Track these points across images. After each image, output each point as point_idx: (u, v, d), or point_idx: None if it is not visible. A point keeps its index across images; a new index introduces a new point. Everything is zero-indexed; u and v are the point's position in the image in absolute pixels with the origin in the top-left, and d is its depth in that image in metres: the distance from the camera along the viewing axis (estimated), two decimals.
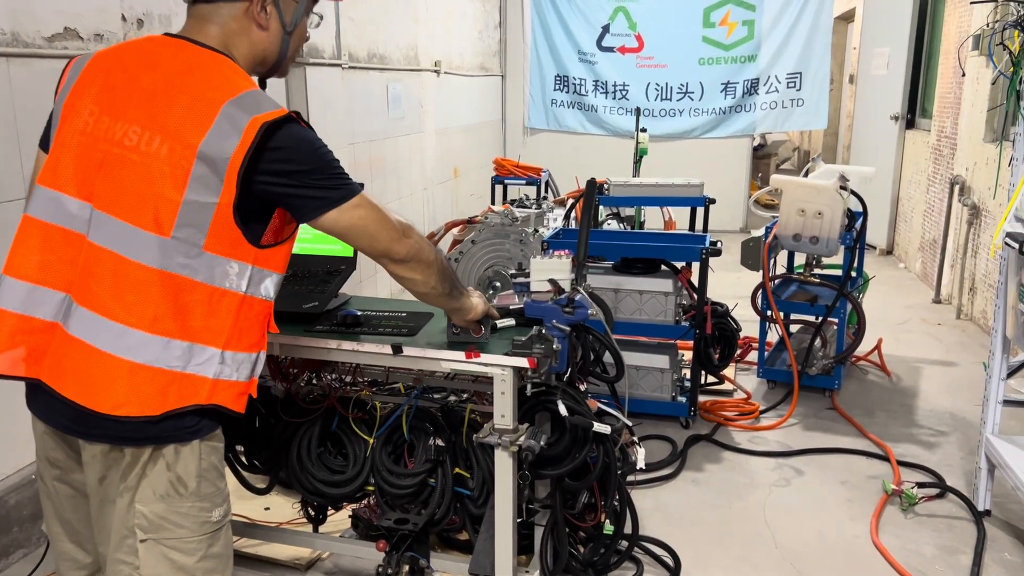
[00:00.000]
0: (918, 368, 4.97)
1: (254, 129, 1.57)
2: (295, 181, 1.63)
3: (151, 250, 1.58)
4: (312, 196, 1.66)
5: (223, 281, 1.63)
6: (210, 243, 1.60)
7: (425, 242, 1.83)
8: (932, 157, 7.00)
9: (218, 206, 1.59)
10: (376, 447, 2.41)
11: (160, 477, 1.65)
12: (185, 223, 1.58)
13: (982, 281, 5.67)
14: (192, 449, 1.67)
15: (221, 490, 1.74)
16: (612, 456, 2.26)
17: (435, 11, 7.06)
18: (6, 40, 2.84)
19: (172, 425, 1.63)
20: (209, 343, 1.63)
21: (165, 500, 1.65)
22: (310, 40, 4.60)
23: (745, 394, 4.51)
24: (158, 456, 1.64)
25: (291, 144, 1.63)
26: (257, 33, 1.73)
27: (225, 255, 1.62)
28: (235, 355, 1.67)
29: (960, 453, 3.83)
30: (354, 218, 1.70)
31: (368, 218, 1.72)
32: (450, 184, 7.73)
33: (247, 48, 1.73)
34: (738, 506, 3.38)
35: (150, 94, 1.62)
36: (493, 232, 4.45)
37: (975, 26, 5.90)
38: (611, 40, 9.30)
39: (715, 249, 3.84)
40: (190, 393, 1.62)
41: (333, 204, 1.67)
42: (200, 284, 1.61)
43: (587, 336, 2.32)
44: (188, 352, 1.61)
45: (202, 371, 1.63)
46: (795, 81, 8.96)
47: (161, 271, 1.58)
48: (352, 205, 1.69)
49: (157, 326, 1.58)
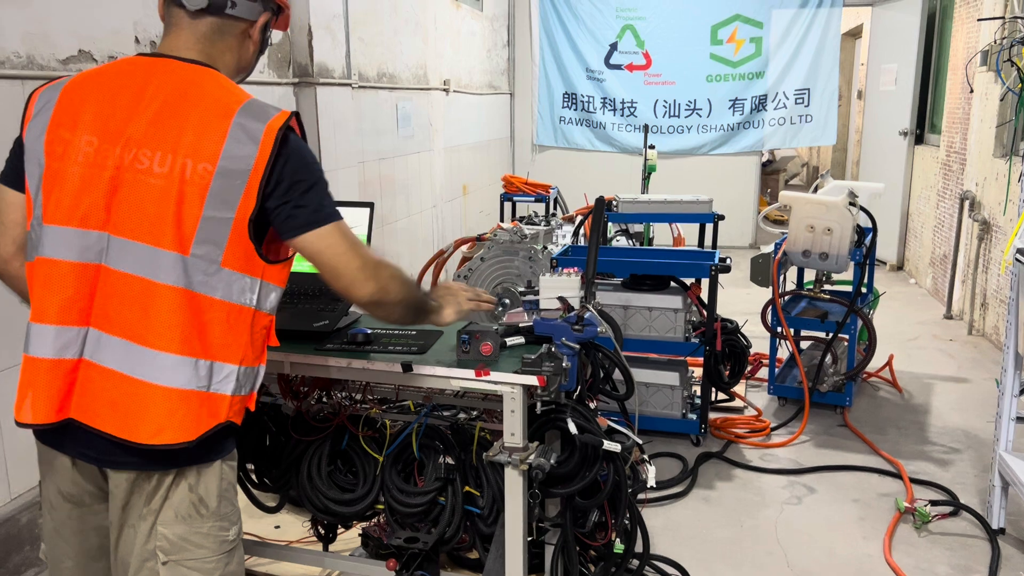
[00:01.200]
0: (930, 384, 4.93)
1: (271, 136, 1.59)
2: (294, 193, 1.63)
3: (175, 270, 1.58)
4: (302, 213, 1.64)
5: (240, 297, 1.64)
6: (227, 259, 1.60)
7: (394, 282, 1.76)
8: (942, 172, 6.99)
9: (235, 221, 1.59)
10: (386, 465, 2.41)
11: (183, 499, 1.65)
12: (204, 240, 1.58)
13: (993, 297, 5.64)
14: (214, 470, 1.68)
15: (236, 508, 1.76)
16: (622, 474, 2.25)
17: (444, 30, 7.12)
18: (21, 63, 2.87)
19: (203, 448, 1.64)
20: (228, 360, 1.64)
21: (187, 521, 1.66)
22: (320, 59, 4.66)
23: (756, 411, 4.49)
24: (181, 479, 1.65)
25: (297, 155, 1.64)
26: (247, 49, 1.78)
27: (240, 270, 1.63)
28: (247, 370, 1.69)
29: (973, 471, 3.80)
30: (324, 245, 1.66)
31: (338, 250, 1.67)
32: (459, 202, 7.76)
33: (234, 62, 1.76)
34: (749, 524, 3.36)
35: (154, 115, 1.61)
36: (502, 249, 4.46)
37: (983, 42, 5.91)
38: (619, 58, 9.35)
39: (724, 265, 3.84)
40: (216, 412, 1.63)
41: (316, 225, 1.65)
42: (218, 301, 1.61)
43: (597, 354, 2.32)
44: (211, 370, 1.62)
45: (223, 389, 1.63)
46: (803, 97, 8.98)
47: (185, 290, 1.58)
48: (329, 231, 1.66)
49: (186, 347, 1.59)
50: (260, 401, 2.50)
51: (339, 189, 4.86)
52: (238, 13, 1.70)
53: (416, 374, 2.14)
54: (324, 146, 4.73)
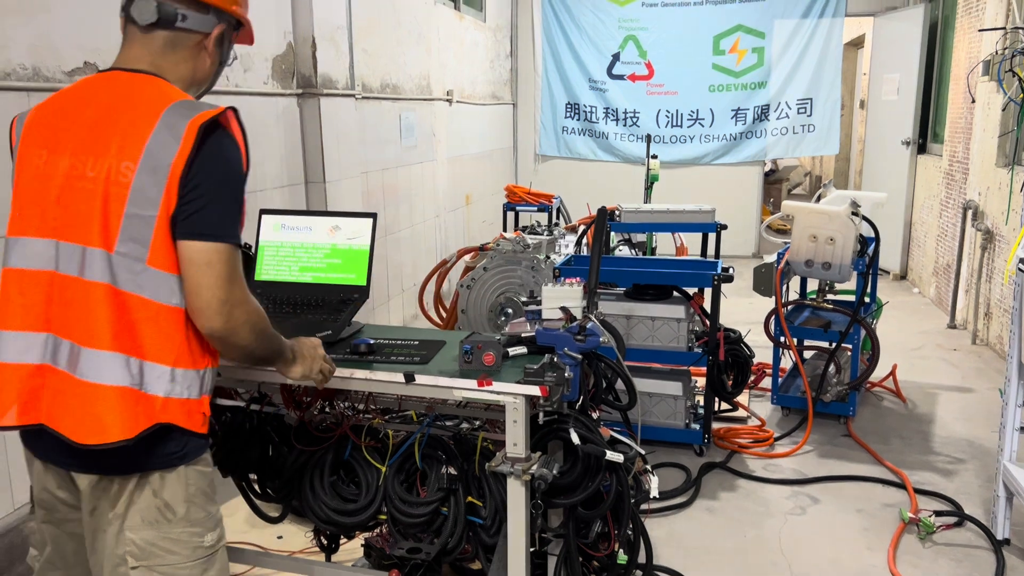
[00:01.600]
0: (934, 394, 4.92)
1: (193, 131, 1.59)
2: (200, 193, 1.61)
3: (101, 267, 1.60)
4: (198, 215, 1.61)
5: (169, 297, 1.63)
6: (153, 258, 1.61)
7: (245, 328, 1.69)
8: (944, 182, 6.99)
9: (158, 219, 1.59)
10: (388, 475, 2.41)
11: (148, 504, 1.67)
12: (128, 238, 1.60)
13: (997, 306, 5.63)
14: (178, 475, 1.69)
15: (212, 515, 1.76)
16: (625, 484, 2.25)
17: (447, 41, 7.15)
18: (27, 75, 2.89)
19: (156, 451, 1.65)
20: (159, 360, 1.64)
21: (154, 527, 1.68)
22: (323, 70, 4.68)
23: (759, 421, 4.48)
24: (144, 484, 1.67)
25: (215, 156, 1.63)
26: (204, 61, 1.80)
27: (169, 270, 1.62)
28: (185, 372, 1.67)
29: (978, 481, 3.79)
30: (204, 261, 1.61)
31: (214, 271, 1.62)
32: (462, 211, 7.77)
33: (189, 74, 1.78)
34: (753, 535, 3.35)
35: (91, 124, 1.65)
36: (505, 259, 4.46)
37: (984, 52, 5.92)
38: (621, 68, 9.38)
39: (727, 275, 3.84)
40: (150, 412, 1.63)
41: (202, 237, 1.61)
42: (147, 300, 1.62)
43: (599, 363, 2.32)
44: (141, 369, 1.63)
45: (153, 389, 1.64)
46: (806, 107, 9.00)
47: (110, 287, 1.61)
48: (216, 248, 1.62)
49: (117, 343, 1.61)
50: (264, 411, 2.53)
51: (342, 199, 4.89)
52: (189, 26, 1.74)
53: (419, 384, 2.14)
54: (328, 157, 4.75)
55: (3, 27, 2.81)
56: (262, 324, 1.77)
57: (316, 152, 4.73)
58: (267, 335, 1.80)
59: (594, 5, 9.29)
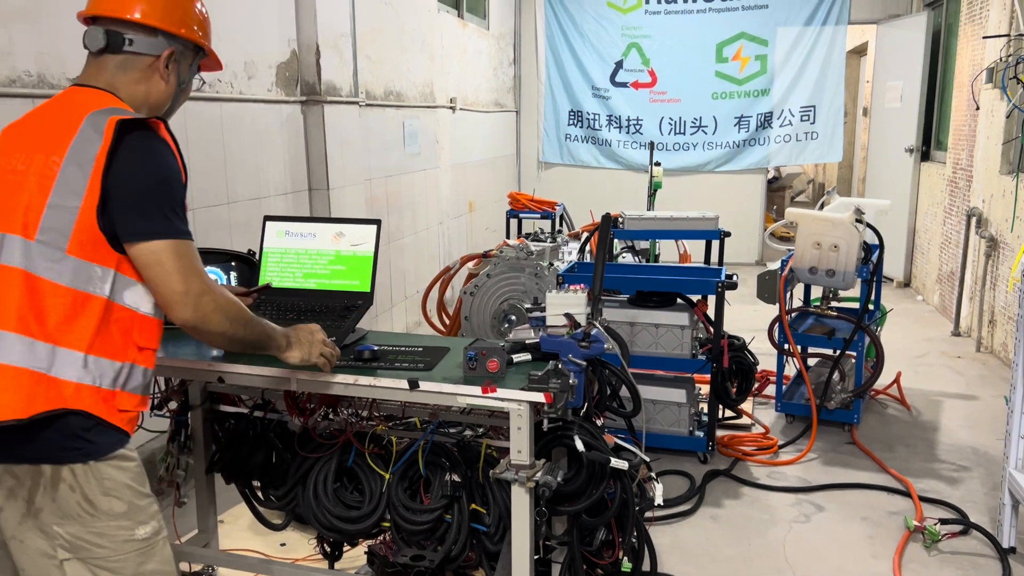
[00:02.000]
0: (938, 402, 4.91)
1: (111, 127, 1.67)
2: (129, 193, 1.68)
3: (16, 253, 1.66)
4: (133, 217, 1.68)
5: (87, 285, 1.68)
6: (73, 247, 1.66)
7: (217, 315, 1.77)
8: (948, 189, 6.98)
9: (81, 209, 1.66)
10: (392, 482, 2.40)
11: (67, 498, 1.69)
12: (49, 227, 1.66)
13: (1001, 314, 5.62)
14: (91, 470, 1.70)
15: (143, 508, 1.77)
16: (630, 492, 2.24)
17: (450, 49, 7.16)
18: (32, 81, 2.90)
19: (63, 443, 1.66)
20: (71, 346, 1.67)
21: (78, 520, 1.70)
22: (327, 77, 4.69)
23: (763, 428, 4.47)
24: (58, 478, 1.68)
25: (140, 153, 1.70)
26: (158, 83, 1.88)
27: (88, 258, 1.68)
28: (99, 360, 1.70)
29: (983, 489, 3.77)
30: (153, 260, 1.69)
31: (165, 269, 1.69)
32: (465, 218, 7.78)
33: (143, 94, 1.87)
34: (758, 543, 3.34)
35: (37, 127, 1.77)
36: (508, 266, 4.46)
37: (988, 60, 5.92)
38: (624, 75, 9.39)
39: (731, 282, 3.83)
40: (54, 397, 1.65)
41: (146, 236, 1.68)
42: (64, 288, 1.66)
43: (603, 370, 2.32)
44: (51, 354, 1.65)
45: (64, 374, 1.66)
46: (809, 114, 9.00)
47: (24, 272, 1.65)
48: (161, 246, 1.69)
49: (21, 326, 1.64)
50: (267, 418, 2.52)
51: (346, 206, 4.89)
52: (137, 49, 1.84)
53: (423, 391, 2.14)
54: (331, 164, 4.76)
55: (9, 34, 2.82)
56: (234, 309, 1.83)
57: (320, 159, 4.73)
58: (244, 320, 1.86)
59: (597, 13, 9.31)
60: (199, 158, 3.79)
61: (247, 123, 4.17)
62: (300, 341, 2.05)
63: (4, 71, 2.81)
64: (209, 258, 2.81)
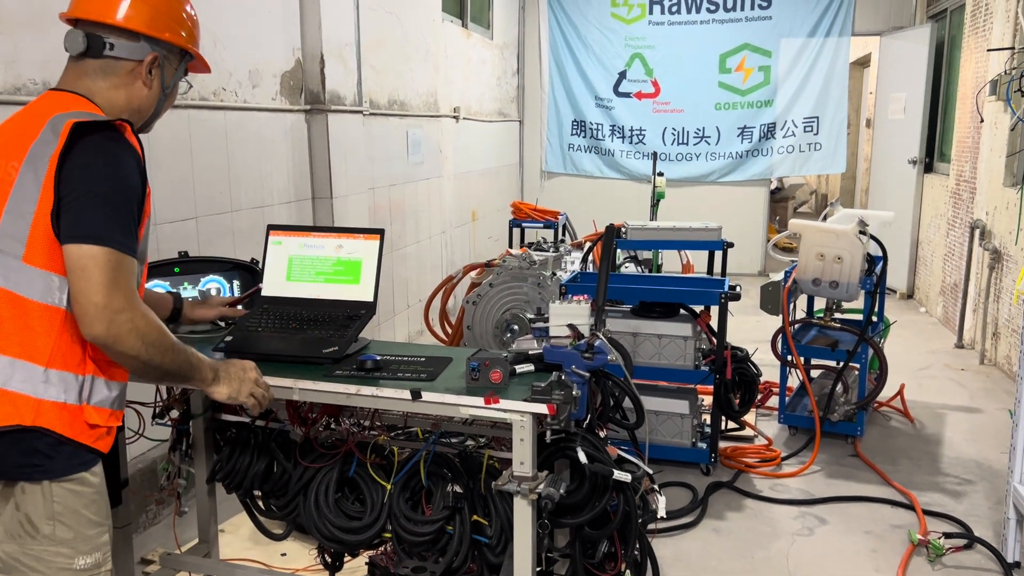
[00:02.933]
0: (942, 414, 4.89)
1: (67, 129, 1.61)
2: (75, 192, 1.59)
3: None
4: (73, 217, 1.59)
5: (45, 296, 1.62)
6: (29, 255, 1.61)
7: (132, 336, 1.62)
8: (951, 201, 6.98)
9: (35, 215, 1.60)
10: (394, 493, 2.39)
11: (11, 517, 1.65)
12: (5, 233, 1.61)
13: (1005, 326, 5.60)
14: (42, 489, 1.64)
15: (89, 538, 1.70)
16: (633, 504, 2.23)
17: (454, 58, 7.18)
18: (37, 89, 2.91)
19: (16, 460, 1.61)
20: (29, 359, 1.62)
21: (16, 540, 1.65)
22: (331, 86, 4.70)
23: (766, 440, 4.45)
24: (9, 495, 1.65)
25: (93, 154, 1.62)
26: (140, 89, 1.83)
27: (45, 267, 1.62)
28: (61, 374, 1.64)
29: (987, 503, 3.75)
30: (79, 266, 1.58)
31: (87, 276, 1.57)
32: (468, 227, 7.78)
33: (124, 100, 1.81)
34: (761, 555, 3.32)
35: (6, 133, 1.71)
36: (511, 275, 4.45)
37: (992, 72, 5.92)
38: (628, 86, 9.41)
39: (734, 293, 3.82)
40: (10, 412, 1.60)
41: (79, 238, 1.58)
42: (20, 297, 1.61)
43: (607, 382, 2.30)
44: (10, 367, 1.61)
45: (24, 389, 1.61)
46: (812, 125, 9.01)
47: None
48: (91, 252, 1.58)
49: None
50: (268, 427, 2.51)
51: (349, 215, 4.89)
52: (118, 54, 1.79)
53: (425, 401, 2.13)
54: (335, 172, 4.76)
55: (14, 42, 2.83)
56: (154, 335, 1.68)
57: (323, 168, 4.74)
58: (164, 347, 1.71)
59: (601, 23, 9.34)
60: (203, 166, 3.79)
61: (251, 132, 4.18)
62: (230, 377, 1.93)
63: (10, 79, 2.82)
64: (212, 266, 2.81)
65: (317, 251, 2.53)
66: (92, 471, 1.70)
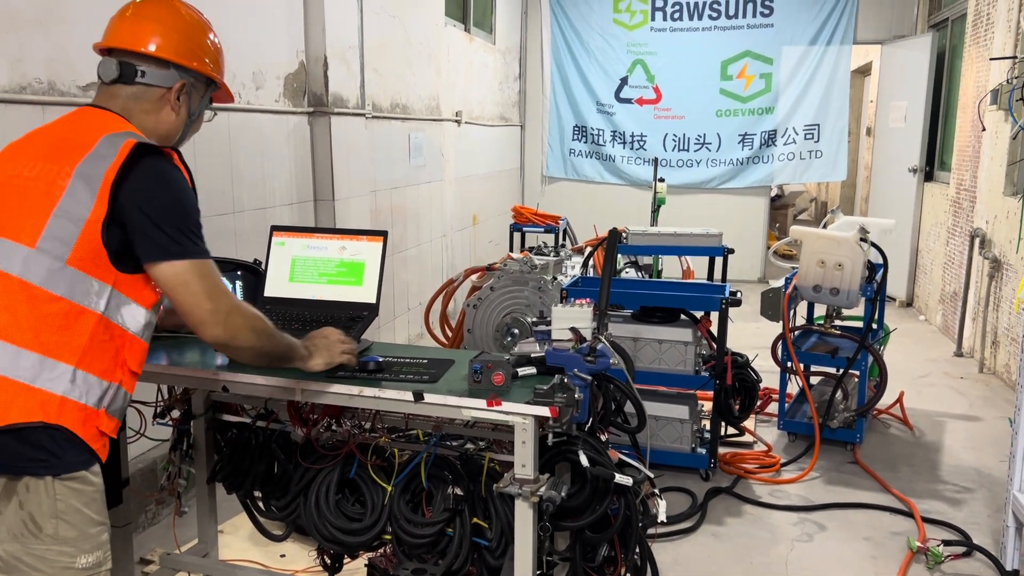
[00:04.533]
0: (941, 422, 4.89)
1: (127, 149, 1.69)
2: (144, 214, 1.70)
3: (14, 260, 1.66)
4: (153, 238, 1.71)
5: (83, 298, 1.67)
6: (74, 258, 1.66)
7: (244, 331, 1.84)
8: (951, 210, 6.99)
9: (87, 221, 1.66)
10: (394, 495, 2.39)
11: (14, 515, 1.66)
12: (51, 235, 1.66)
13: (1005, 335, 5.61)
14: (46, 486, 1.65)
15: (90, 536, 1.72)
16: (634, 508, 2.23)
17: (457, 63, 7.20)
18: (43, 89, 2.91)
19: (22, 453, 1.62)
20: (61, 358, 1.65)
21: (19, 540, 1.66)
22: (334, 89, 4.71)
23: (766, 446, 4.45)
24: (12, 492, 1.65)
25: (152, 176, 1.72)
26: (168, 115, 1.91)
27: (87, 272, 1.68)
28: (87, 376, 1.68)
29: (986, 510, 3.75)
30: (179, 282, 1.73)
31: (191, 289, 1.74)
32: (469, 231, 7.79)
33: (152, 124, 1.89)
34: (760, 561, 3.32)
35: (48, 140, 1.79)
36: (512, 279, 4.46)
37: (993, 81, 5.94)
38: (629, 92, 9.43)
39: (735, 299, 3.83)
40: (35, 408, 1.62)
41: (168, 256, 1.72)
42: (58, 298, 1.66)
43: (608, 386, 2.31)
44: (39, 365, 1.64)
45: (51, 387, 1.64)
46: (813, 133, 9.03)
47: (20, 280, 1.64)
48: (184, 267, 1.73)
49: (9, 333, 1.63)
50: (269, 428, 2.52)
51: (351, 218, 4.90)
52: (149, 81, 1.87)
53: (427, 403, 2.13)
54: (337, 175, 4.77)
55: (20, 41, 2.84)
56: (260, 324, 1.89)
57: (326, 170, 4.75)
58: (269, 333, 1.92)
59: (603, 29, 9.36)
60: (206, 168, 3.80)
61: (254, 133, 4.18)
62: (318, 347, 2.10)
63: (15, 78, 2.82)
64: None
65: (320, 252, 2.53)
66: (92, 470, 1.72)
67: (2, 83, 2.78)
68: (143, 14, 1.91)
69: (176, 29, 1.90)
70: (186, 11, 1.96)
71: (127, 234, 1.70)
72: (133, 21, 1.90)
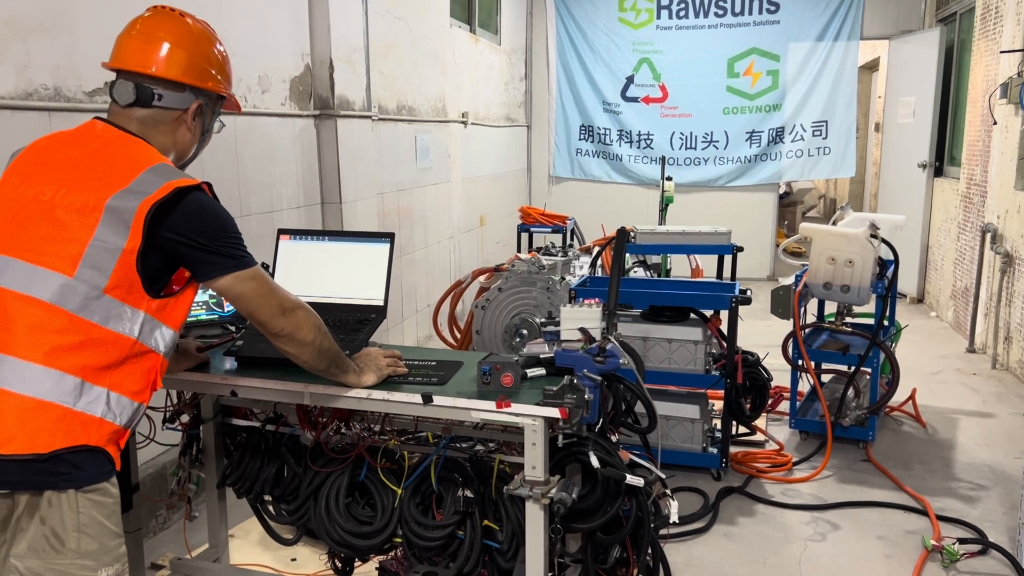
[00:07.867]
0: (954, 419, 4.85)
1: (166, 190, 1.73)
2: (197, 243, 1.78)
3: (51, 288, 1.67)
4: (210, 260, 1.81)
5: (118, 325, 1.72)
6: (111, 286, 1.71)
7: (307, 324, 1.96)
8: (962, 205, 6.94)
9: (124, 251, 1.71)
10: (404, 498, 2.38)
11: (36, 532, 1.65)
12: (89, 264, 1.69)
13: (1017, 330, 5.56)
14: (69, 499, 1.66)
15: (111, 549, 1.72)
16: (645, 509, 2.22)
17: (462, 64, 7.19)
18: (49, 95, 2.92)
19: (44, 468, 1.63)
20: (97, 382, 1.69)
21: (40, 556, 1.66)
22: (340, 91, 4.71)
23: (777, 445, 4.43)
24: (33, 509, 1.65)
25: (196, 210, 1.79)
26: (184, 134, 1.96)
27: (123, 299, 1.72)
28: (120, 399, 1.73)
29: (1001, 508, 3.72)
30: (244, 288, 1.86)
31: (255, 291, 1.87)
32: (476, 232, 7.78)
33: (170, 144, 1.93)
34: (773, 561, 3.30)
35: (71, 163, 1.79)
36: (520, 280, 4.45)
37: (1003, 75, 5.89)
38: (635, 90, 9.40)
39: (745, 297, 3.80)
40: (79, 432, 1.65)
41: (228, 270, 1.83)
42: (95, 325, 1.69)
43: (619, 386, 2.29)
44: (79, 389, 1.66)
45: (91, 410, 1.67)
46: (821, 129, 8.98)
47: (58, 308, 1.66)
48: (246, 276, 1.85)
49: (51, 359, 1.64)
50: (279, 432, 2.51)
51: (358, 220, 4.89)
52: (166, 104, 1.90)
53: (437, 405, 2.12)
54: (344, 177, 4.76)
55: (26, 47, 2.84)
56: (319, 321, 2.00)
57: (333, 173, 4.74)
58: (327, 332, 2.02)
59: (608, 28, 9.34)
60: (213, 172, 3.79)
61: (260, 136, 4.18)
62: (368, 366, 2.18)
63: (21, 84, 2.83)
64: None
65: (328, 255, 2.53)
66: (111, 481, 1.74)
67: (8, 89, 2.78)
68: (153, 32, 1.89)
69: (187, 48, 1.90)
70: (194, 24, 1.95)
71: (164, 263, 1.78)
72: (143, 40, 1.88)
